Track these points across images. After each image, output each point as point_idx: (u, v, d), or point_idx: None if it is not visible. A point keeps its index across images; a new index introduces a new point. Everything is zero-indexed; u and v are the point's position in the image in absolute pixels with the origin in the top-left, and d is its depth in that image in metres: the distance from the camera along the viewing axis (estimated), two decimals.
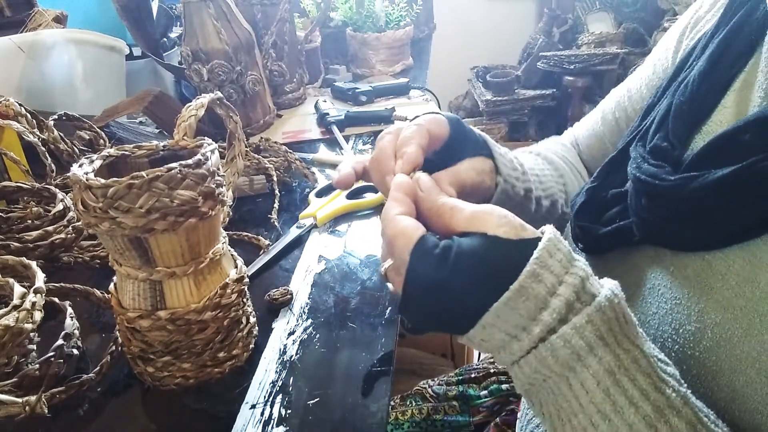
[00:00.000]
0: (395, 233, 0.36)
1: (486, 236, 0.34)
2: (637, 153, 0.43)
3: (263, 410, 0.49)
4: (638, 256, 0.43)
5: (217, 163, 0.48)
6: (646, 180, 0.39)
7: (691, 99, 0.41)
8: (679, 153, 0.40)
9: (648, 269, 0.42)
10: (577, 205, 0.48)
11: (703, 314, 0.36)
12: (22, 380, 0.49)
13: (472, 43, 2.94)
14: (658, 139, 0.42)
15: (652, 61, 0.58)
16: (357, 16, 1.45)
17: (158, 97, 0.98)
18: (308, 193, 0.84)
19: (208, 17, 1.01)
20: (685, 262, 0.38)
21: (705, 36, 0.46)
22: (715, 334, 0.35)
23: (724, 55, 0.41)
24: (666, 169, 0.39)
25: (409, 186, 0.39)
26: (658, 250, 0.41)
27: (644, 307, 0.41)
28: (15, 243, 0.67)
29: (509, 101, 2.62)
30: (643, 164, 0.41)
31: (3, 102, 0.82)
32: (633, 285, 0.42)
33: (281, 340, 0.57)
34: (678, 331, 0.38)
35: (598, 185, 0.48)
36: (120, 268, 0.48)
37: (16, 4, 1.29)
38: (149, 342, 0.50)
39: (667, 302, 0.39)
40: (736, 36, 0.41)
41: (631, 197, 0.42)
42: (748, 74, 0.40)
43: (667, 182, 0.38)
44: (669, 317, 0.39)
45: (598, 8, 2.64)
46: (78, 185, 0.43)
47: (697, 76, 0.42)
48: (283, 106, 1.24)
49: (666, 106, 0.44)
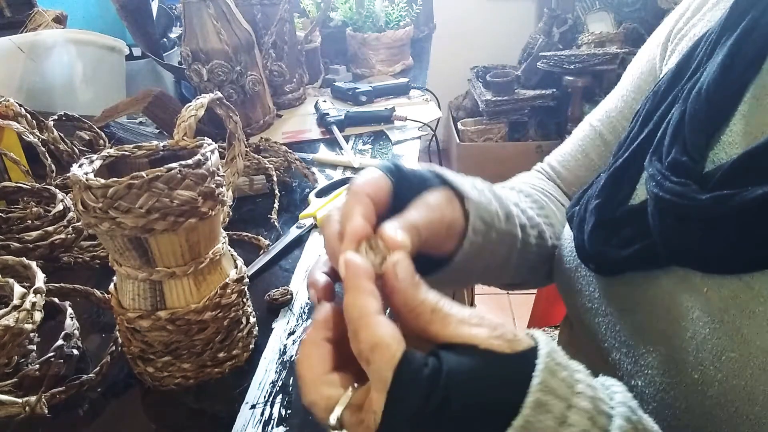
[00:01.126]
0: (374, 344, 0.28)
1: (478, 352, 0.28)
2: (655, 169, 0.40)
3: (263, 410, 0.49)
4: (664, 278, 0.40)
5: (217, 163, 0.48)
6: (671, 200, 0.37)
7: (707, 107, 0.39)
8: (700, 167, 0.38)
9: (677, 292, 0.39)
10: (588, 227, 0.44)
11: (747, 340, 0.33)
12: (22, 380, 0.49)
13: (472, 43, 2.95)
14: (676, 152, 0.39)
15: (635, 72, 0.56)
16: (357, 16, 1.45)
17: (158, 97, 0.98)
18: (308, 193, 0.84)
19: (208, 17, 1.01)
20: (720, 284, 0.36)
21: (706, 40, 0.44)
22: (761, 362, 0.33)
23: (736, 61, 0.39)
24: (692, 187, 0.36)
25: (368, 272, 0.32)
26: (685, 271, 0.38)
27: (679, 333, 0.38)
28: (15, 243, 0.67)
29: (509, 101, 2.62)
30: (664, 182, 0.38)
31: (3, 102, 0.82)
32: (662, 309, 0.40)
33: (281, 340, 0.57)
34: (720, 358, 0.35)
35: (602, 202, 0.45)
36: (120, 268, 0.48)
37: (16, 4, 1.29)
38: (149, 342, 0.50)
39: (704, 327, 0.36)
40: (746, 40, 0.40)
41: (654, 217, 0.39)
42: (762, 80, 0.38)
43: (698, 202, 0.35)
44: (708, 343, 0.36)
45: (598, 8, 2.64)
46: (78, 185, 0.43)
47: (711, 82, 0.39)
48: (283, 106, 1.24)
49: (678, 115, 0.41)
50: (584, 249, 0.45)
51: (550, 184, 0.63)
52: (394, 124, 1.12)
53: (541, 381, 0.27)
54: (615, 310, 0.44)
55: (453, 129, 2.86)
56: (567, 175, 0.62)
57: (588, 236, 0.44)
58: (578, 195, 0.50)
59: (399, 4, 1.46)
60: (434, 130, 1.22)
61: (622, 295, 0.44)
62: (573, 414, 0.27)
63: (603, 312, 0.46)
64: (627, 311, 0.43)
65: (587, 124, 0.61)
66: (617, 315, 0.44)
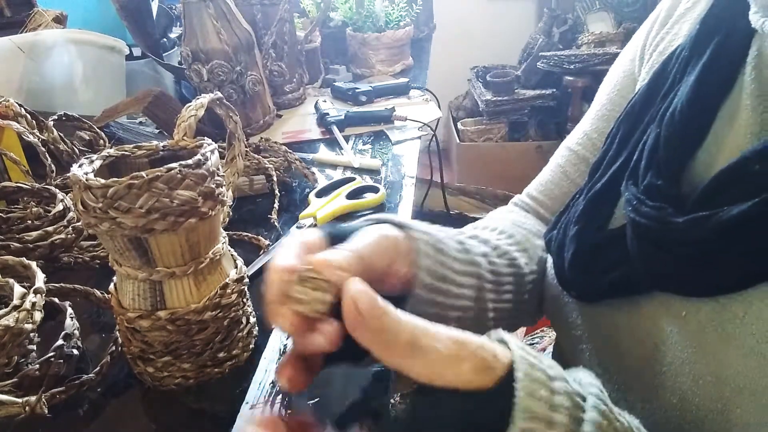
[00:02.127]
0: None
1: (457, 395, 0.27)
2: (631, 194, 0.39)
3: (263, 410, 0.49)
4: (644, 303, 0.40)
5: (217, 163, 0.48)
6: (648, 224, 0.36)
7: (682, 129, 0.39)
8: (676, 190, 0.38)
9: (658, 317, 0.39)
10: (569, 254, 0.44)
11: (723, 364, 0.33)
12: (22, 380, 0.49)
13: (472, 43, 2.95)
14: (652, 176, 0.39)
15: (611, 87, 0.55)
16: (357, 16, 1.45)
17: (158, 97, 0.98)
18: (308, 193, 0.84)
19: (207, 17, 1.01)
20: (697, 307, 0.36)
21: (677, 58, 0.43)
22: (737, 385, 0.32)
23: (710, 80, 0.39)
24: (668, 210, 0.36)
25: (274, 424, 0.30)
26: (665, 295, 0.38)
27: (659, 358, 0.38)
28: (15, 243, 0.67)
29: (509, 101, 2.62)
30: (640, 207, 0.37)
31: (3, 102, 0.82)
32: (644, 335, 0.39)
33: (281, 340, 0.57)
34: (698, 382, 0.35)
35: (582, 227, 0.44)
36: (120, 269, 0.48)
37: (16, 4, 1.29)
38: (149, 342, 0.50)
39: (683, 351, 0.36)
40: (718, 58, 0.39)
41: (632, 242, 0.38)
42: (733, 100, 0.38)
43: (675, 225, 0.35)
44: (686, 367, 0.36)
45: (598, 8, 2.64)
46: (78, 185, 0.43)
47: (685, 103, 0.39)
48: (283, 106, 1.24)
49: (654, 138, 0.40)
50: (564, 276, 0.45)
51: (526, 215, 0.61)
52: (394, 124, 1.12)
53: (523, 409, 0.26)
54: (597, 336, 0.44)
55: (453, 129, 2.86)
56: (552, 204, 0.60)
57: (569, 264, 0.44)
58: (555, 219, 0.49)
59: (399, 4, 1.46)
60: (434, 130, 1.22)
61: (603, 321, 0.43)
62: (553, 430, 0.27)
63: (586, 338, 0.45)
64: (609, 337, 0.43)
65: (565, 149, 0.59)
66: (600, 341, 0.44)
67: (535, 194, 0.62)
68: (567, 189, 0.58)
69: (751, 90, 0.36)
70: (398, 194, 0.86)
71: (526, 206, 0.62)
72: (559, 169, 0.59)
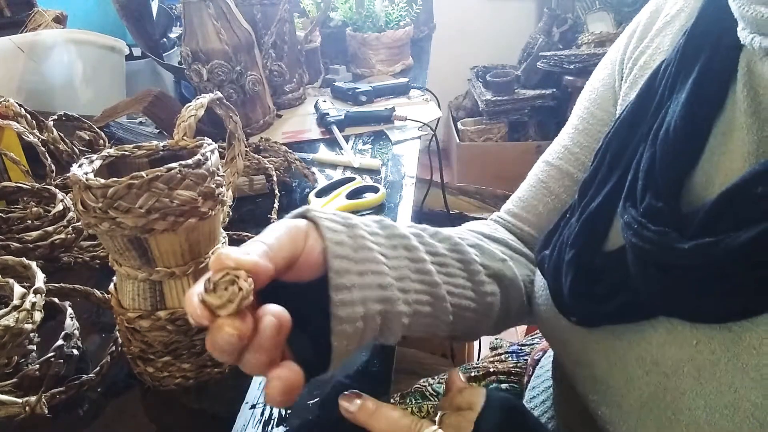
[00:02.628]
0: None
1: None
2: (630, 217, 0.38)
3: (263, 410, 0.49)
4: (650, 329, 0.38)
5: (216, 163, 0.48)
6: (651, 250, 0.35)
7: (676, 148, 0.38)
8: (676, 212, 0.37)
9: (666, 344, 0.37)
10: (567, 280, 0.43)
11: (740, 396, 0.32)
12: (22, 380, 0.49)
13: (472, 43, 2.94)
14: (651, 198, 0.38)
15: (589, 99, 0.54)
16: (357, 16, 1.45)
17: (158, 97, 0.98)
18: (308, 193, 0.84)
19: (207, 17, 1.01)
20: (709, 335, 0.34)
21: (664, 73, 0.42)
22: (757, 419, 0.31)
23: (699, 98, 0.38)
24: (672, 235, 0.35)
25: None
26: (673, 321, 0.37)
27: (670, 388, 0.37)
28: (15, 243, 0.67)
29: (509, 101, 2.62)
30: (642, 231, 0.36)
31: (3, 102, 0.82)
32: (651, 363, 0.38)
33: None
34: (714, 415, 0.34)
35: (579, 251, 0.43)
36: (120, 268, 0.48)
37: (16, 4, 1.29)
38: (149, 342, 0.50)
39: (696, 382, 0.35)
40: (707, 73, 0.38)
41: (635, 267, 0.37)
42: (726, 118, 0.37)
43: (680, 251, 0.33)
44: (701, 400, 0.35)
45: (598, 8, 2.64)
46: (78, 185, 0.43)
47: (679, 121, 0.38)
48: (283, 106, 1.24)
49: (649, 157, 0.39)
50: (563, 301, 0.44)
51: (503, 231, 0.60)
52: (394, 124, 1.12)
53: None
54: (600, 362, 0.43)
55: (453, 129, 2.85)
56: (537, 220, 0.58)
57: (569, 290, 0.43)
58: (545, 238, 0.48)
59: (399, 4, 1.46)
60: (434, 130, 1.22)
61: (606, 348, 0.42)
62: None
63: (587, 364, 0.44)
64: (613, 364, 0.42)
65: (544, 163, 0.58)
66: (603, 368, 0.42)
67: (516, 211, 0.60)
68: (552, 205, 0.57)
69: (744, 108, 0.36)
70: (398, 194, 0.86)
71: (507, 224, 0.61)
72: (541, 184, 0.58)
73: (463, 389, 0.43)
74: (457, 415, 0.41)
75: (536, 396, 0.66)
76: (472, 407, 0.41)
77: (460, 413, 0.41)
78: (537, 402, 0.65)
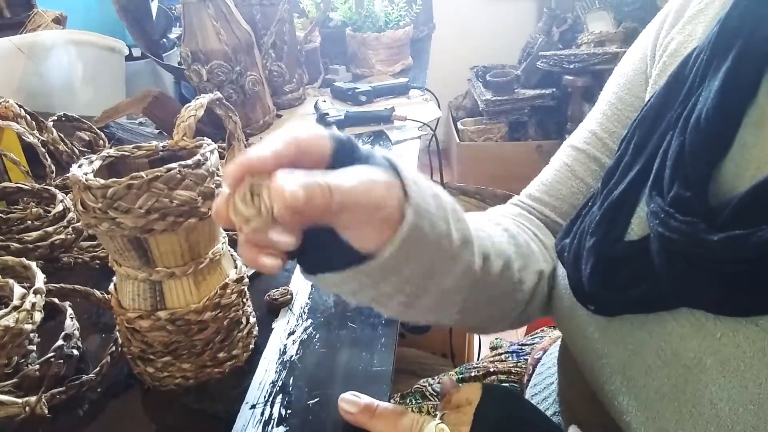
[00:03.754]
0: None
1: None
2: (657, 206, 0.37)
3: (263, 410, 0.49)
4: (671, 320, 0.38)
5: (216, 164, 0.48)
6: (679, 240, 0.34)
7: (707, 137, 0.37)
8: (706, 204, 0.36)
9: (687, 336, 0.37)
10: (587, 267, 0.42)
11: (766, 391, 0.32)
12: (22, 381, 0.49)
13: (472, 42, 2.94)
14: (678, 187, 0.36)
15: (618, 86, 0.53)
16: (356, 16, 1.45)
17: (158, 98, 0.98)
18: None
19: (207, 18, 1.01)
20: (734, 328, 0.34)
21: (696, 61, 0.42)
22: None
23: (731, 87, 0.37)
24: (700, 225, 0.34)
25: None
26: (696, 313, 0.36)
27: (692, 381, 0.36)
28: (15, 244, 0.67)
29: (509, 101, 2.62)
30: (669, 220, 0.35)
31: (3, 103, 0.82)
32: (672, 355, 0.38)
33: (281, 340, 0.57)
34: (737, 410, 0.33)
35: (600, 239, 0.42)
36: (120, 269, 0.48)
37: (16, 5, 1.29)
38: (149, 342, 0.50)
39: (720, 375, 0.34)
40: (739, 67, 0.37)
41: (660, 257, 0.37)
42: (759, 108, 0.36)
43: (709, 243, 0.33)
44: (724, 393, 0.34)
45: (598, 7, 2.64)
46: (77, 186, 0.43)
47: (711, 111, 0.37)
48: (282, 106, 1.24)
49: (678, 146, 0.38)
50: (582, 290, 0.43)
51: (527, 216, 0.58)
52: (393, 124, 1.12)
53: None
54: (619, 352, 0.42)
55: (453, 129, 2.86)
56: (560, 204, 0.56)
57: (588, 278, 0.42)
58: (567, 227, 0.47)
59: (399, 4, 1.46)
60: (434, 129, 1.22)
61: (626, 338, 0.42)
62: None
63: (606, 354, 0.43)
64: (633, 354, 0.41)
65: (569, 147, 0.56)
66: (622, 358, 0.42)
67: (538, 195, 0.58)
68: (576, 188, 0.55)
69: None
70: None
71: (527, 208, 0.59)
72: (566, 167, 0.56)
73: (460, 389, 0.44)
74: (457, 411, 0.42)
75: (538, 393, 0.67)
76: (470, 402, 0.42)
77: (460, 409, 0.42)
78: (539, 399, 0.65)
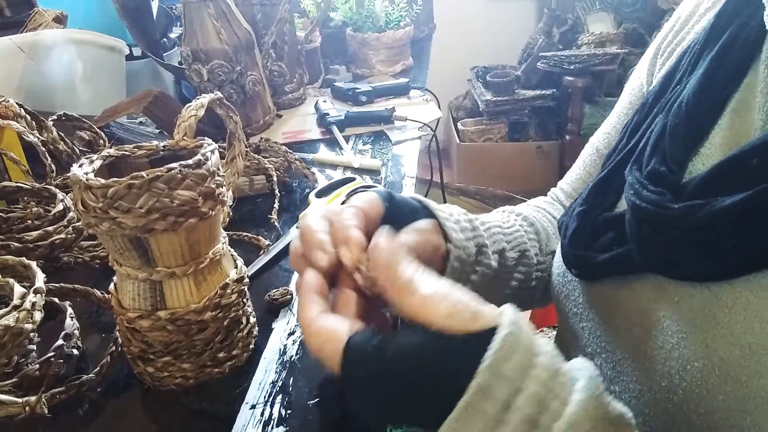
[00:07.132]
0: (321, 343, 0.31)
1: (427, 334, 0.29)
2: (634, 178, 0.40)
3: (263, 410, 0.49)
4: (639, 285, 0.41)
5: (217, 163, 0.48)
6: (647, 208, 0.37)
7: (687, 120, 0.40)
8: (678, 178, 0.39)
9: (651, 300, 0.40)
10: (569, 231, 0.46)
11: (710, 350, 0.34)
12: (22, 380, 0.49)
13: (472, 43, 2.95)
14: (655, 162, 0.40)
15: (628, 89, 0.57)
16: (357, 16, 1.45)
17: (158, 98, 0.98)
18: (308, 193, 0.84)
19: (207, 17, 1.01)
20: (690, 293, 0.36)
21: (691, 51, 0.44)
22: (722, 372, 0.33)
23: (717, 73, 0.39)
24: (667, 196, 0.37)
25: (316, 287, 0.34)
26: (660, 279, 0.39)
27: (650, 341, 0.39)
28: (15, 243, 0.67)
29: (509, 101, 2.62)
30: (642, 191, 0.39)
31: (3, 102, 0.82)
32: (637, 317, 0.40)
33: (281, 340, 0.57)
34: (685, 367, 0.36)
35: (587, 209, 0.46)
36: (120, 268, 0.48)
37: (16, 4, 1.29)
38: (149, 342, 0.50)
39: (673, 336, 0.37)
40: (727, 53, 0.40)
41: (631, 225, 0.40)
42: (744, 94, 0.38)
43: (671, 211, 0.36)
44: (675, 352, 0.37)
45: (598, 8, 2.64)
46: (78, 185, 0.43)
47: (692, 95, 0.40)
48: (283, 106, 1.24)
49: (660, 127, 0.42)
50: (567, 255, 0.46)
51: (554, 205, 0.65)
52: (394, 124, 1.12)
53: (491, 364, 0.27)
54: (596, 315, 0.45)
55: (453, 129, 2.86)
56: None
57: (568, 241, 0.46)
58: (569, 206, 0.51)
59: (399, 4, 1.46)
60: (434, 130, 1.22)
61: (602, 301, 0.45)
62: (520, 398, 0.27)
63: (586, 317, 0.47)
64: (607, 316, 0.44)
65: (591, 146, 0.62)
66: (598, 320, 0.45)
67: (566, 188, 0.65)
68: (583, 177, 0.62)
69: (761, 88, 0.37)
70: None
71: (557, 199, 0.66)
72: (584, 167, 0.62)
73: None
74: None
75: None
76: None
77: None
78: None
